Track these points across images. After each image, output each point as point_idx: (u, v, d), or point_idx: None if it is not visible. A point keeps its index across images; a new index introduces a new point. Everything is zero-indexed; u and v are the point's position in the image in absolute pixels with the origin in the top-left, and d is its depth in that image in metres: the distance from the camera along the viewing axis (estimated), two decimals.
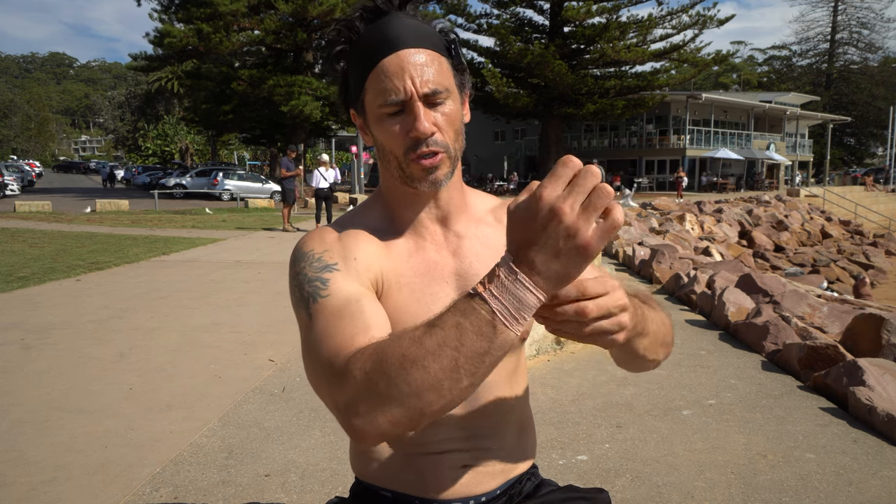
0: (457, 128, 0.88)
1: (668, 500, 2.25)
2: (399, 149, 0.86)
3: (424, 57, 0.84)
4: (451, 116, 0.87)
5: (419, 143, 0.84)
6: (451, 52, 0.89)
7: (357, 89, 0.88)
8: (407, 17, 0.87)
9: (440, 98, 0.85)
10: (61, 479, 2.41)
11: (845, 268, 15.26)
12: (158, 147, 56.98)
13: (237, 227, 13.67)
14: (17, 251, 9.05)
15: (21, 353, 4.11)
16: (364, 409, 0.68)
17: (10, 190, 26.61)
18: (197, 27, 25.39)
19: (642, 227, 13.02)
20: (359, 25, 0.87)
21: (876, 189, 33.80)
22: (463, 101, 0.92)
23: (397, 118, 0.85)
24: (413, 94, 0.83)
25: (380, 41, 0.85)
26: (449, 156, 0.88)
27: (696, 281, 5.80)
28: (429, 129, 0.84)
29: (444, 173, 0.88)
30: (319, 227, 0.96)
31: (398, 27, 0.85)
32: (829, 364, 3.45)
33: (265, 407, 3.14)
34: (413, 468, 0.96)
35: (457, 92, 0.89)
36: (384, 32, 0.85)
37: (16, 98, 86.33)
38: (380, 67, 0.84)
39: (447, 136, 0.87)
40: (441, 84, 0.85)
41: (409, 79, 0.83)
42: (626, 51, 28.55)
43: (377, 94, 0.85)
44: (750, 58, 77.47)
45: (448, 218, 0.95)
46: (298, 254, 0.89)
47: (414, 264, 0.93)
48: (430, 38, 0.87)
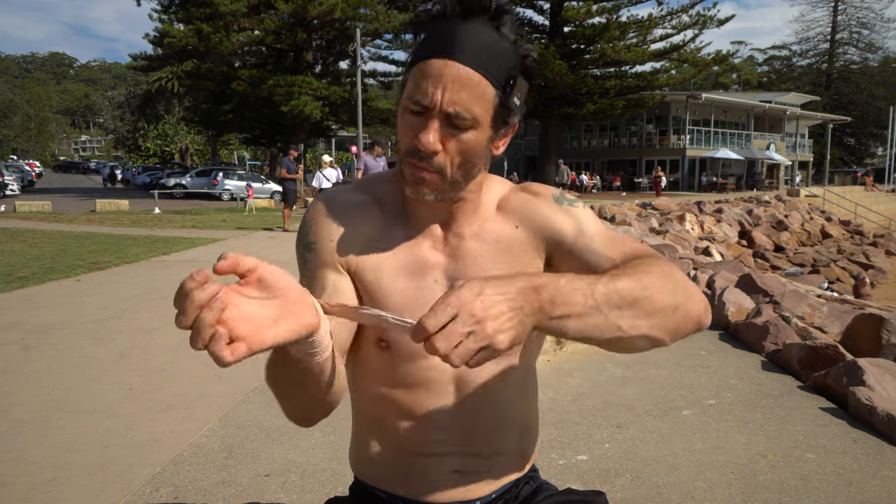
0: (468, 157, 0.84)
1: (668, 500, 2.25)
2: (404, 145, 0.85)
3: (467, 77, 0.80)
4: (465, 145, 0.83)
5: (418, 153, 0.83)
6: (505, 87, 0.82)
7: (407, 68, 0.86)
8: (486, 30, 0.81)
9: (462, 124, 0.81)
10: (61, 479, 2.41)
11: (845, 268, 15.26)
12: (158, 147, 56.98)
13: (237, 227, 13.67)
14: (17, 251, 9.05)
15: (21, 353, 4.11)
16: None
17: (10, 190, 26.59)
18: (197, 27, 25.38)
19: (642, 227, 13.02)
20: (446, 10, 0.82)
21: (875, 189, 33.79)
22: (498, 136, 0.87)
23: (416, 118, 0.83)
24: (436, 106, 0.80)
25: (441, 38, 0.81)
26: (443, 178, 0.85)
27: (696, 281, 5.80)
28: (430, 147, 0.81)
29: (430, 190, 0.86)
30: (333, 188, 0.99)
31: (466, 35, 0.80)
32: (829, 364, 3.45)
33: (265, 407, 3.14)
34: (404, 470, 0.96)
35: (488, 125, 0.84)
36: (451, 33, 0.81)
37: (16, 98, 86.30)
38: (425, 63, 0.82)
39: (451, 160, 0.84)
40: (469, 111, 0.81)
41: (440, 90, 0.80)
42: (626, 51, 28.58)
43: (411, 86, 0.83)
44: (750, 58, 77.51)
45: (451, 220, 0.93)
46: (301, 222, 0.96)
47: (401, 257, 0.92)
48: (490, 62, 0.81)
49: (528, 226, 0.94)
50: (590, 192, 32.12)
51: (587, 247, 0.92)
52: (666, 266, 0.84)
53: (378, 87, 35.21)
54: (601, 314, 0.74)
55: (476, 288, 0.67)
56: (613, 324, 0.75)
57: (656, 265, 0.83)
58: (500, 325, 0.66)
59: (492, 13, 0.82)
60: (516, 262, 0.93)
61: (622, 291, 0.76)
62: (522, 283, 0.70)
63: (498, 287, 0.68)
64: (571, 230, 0.94)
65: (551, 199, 0.96)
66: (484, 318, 0.65)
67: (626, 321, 0.76)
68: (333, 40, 30.89)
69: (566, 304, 0.72)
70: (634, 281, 0.78)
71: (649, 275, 0.80)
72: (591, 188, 33.68)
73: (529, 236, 0.94)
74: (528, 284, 0.70)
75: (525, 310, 0.68)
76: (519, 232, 0.94)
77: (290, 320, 0.64)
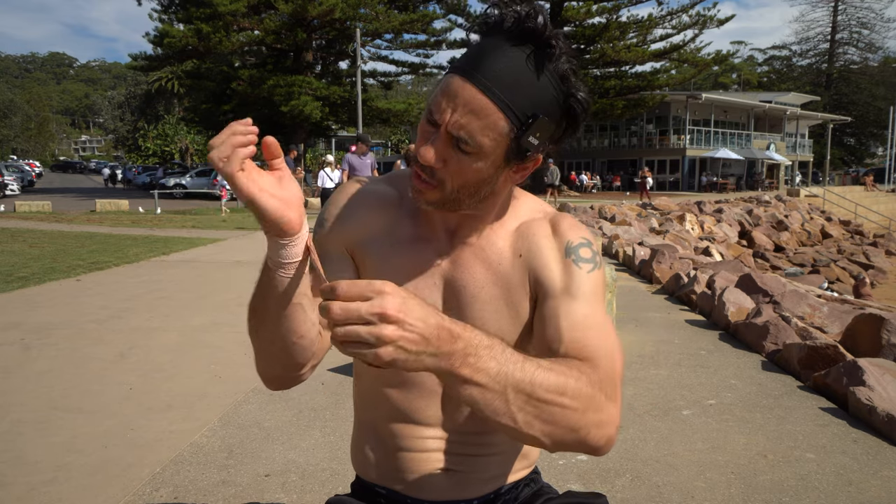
0: (470, 182, 0.82)
1: (668, 500, 2.25)
2: (414, 150, 0.84)
3: (479, 106, 0.76)
4: (468, 170, 0.81)
5: (418, 160, 0.82)
6: (522, 125, 0.78)
7: (447, 72, 0.83)
8: (524, 60, 0.76)
9: (466, 148, 0.79)
10: (61, 479, 2.41)
11: (845, 268, 15.25)
12: (158, 147, 56.95)
13: (237, 227, 13.67)
14: (17, 251, 9.05)
15: (21, 353, 4.11)
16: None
17: (10, 190, 26.63)
18: (197, 27, 25.40)
19: (642, 227, 13.02)
20: (499, 22, 0.78)
21: (876, 188, 33.79)
22: (511, 167, 0.84)
23: (429, 126, 0.81)
24: (444, 124, 0.78)
25: (474, 56, 0.78)
26: (441, 192, 0.83)
27: (696, 281, 5.80)
28: (427, 160, 0.80)
29: (428, 200, 0.85)
30: (354, 179, 1.00)
31: (499, 61, 0.76)
32: (829, 364, 3.45)
33: (265, 407, 3.14)
34: (401, 468, 0.97)
35: (498, 157, 0.80)
36: (486, 53, 0.77)
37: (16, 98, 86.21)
38: (450, 77, 0.79)
39: (451, 179, 0.82)
40: (474, 139, 0.78)
41: (450, 109, 0.77)
42: (626, 51, 28.57)
43: (434, 94, 0.81)
44: (750, 58, 77.48)
45: (460, 227, 0.92)
46: (328, 200, 1.00)
47: (405, 254, 0.92)
48: (513, 95, 0.77)
49: (528, 260, 0.90)
50: (590, 192, 32.13)
51: (554, 312, 0.84)
52: (598, 390, 0.75)
53: (378, 87, 35.23)
54: (503, 397, 0.68)
55: (406, 295, 0.63)
56: (510, 412, 0.69)
57: (590, 370, 0.76)
58: (397, 339, 0.61)
59: (539, 43, 0.77)
60: (511, 289, 0.90)
61: (537, 386, 0.69)
62: (446, 322, 0.65)
63: (424, 310, 0.63)
64: (557, 287, 0.87)
65: (564, 246, 0.90)
66: (391, 319, 0.61)
67: (524, 416, 0.69)
68: (333, 40, 30.90)
69: (475, 368, 0.66)
70: (557, 382, 0.71)
71: (577, 385, 0.72)
72: (591, 188, 33.69)
73: (525, 270, 0.90)
74: (449, 326, 0.65)
75: (429, 349, 0.63)
76: (520, 262, 0.91)
77: (279, 203, 0.73)
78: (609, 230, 11.68)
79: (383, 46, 30.84)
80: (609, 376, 0.78)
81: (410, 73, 32.92)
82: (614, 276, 4.96)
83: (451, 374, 0.65)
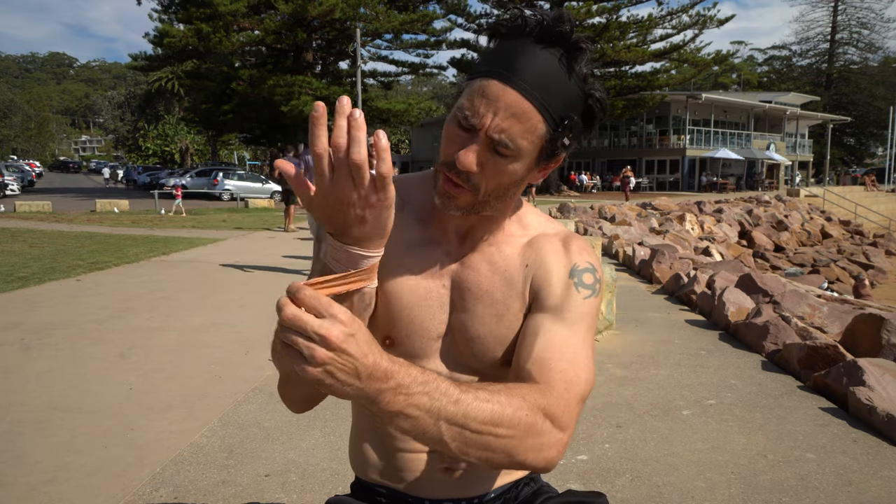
0: (504, 184, 0.83)
1: (668, 500, 2.25)
2: (444, 156, 0.84)
3: (521, 109, 0.78)
4: (503, 173, 0.82)
5: (455, 167, 0.82)
6: (558, 127, 0.80)
7: (468, 77, 0.83)
8: (556, 63, 0.78)
9: (505, 152, 0.79)
10: (61, 479, 2.41)
11: (845, 268, 15.24)
12: (158, 147, 56.98)
13: (237, 227, 13.67)
14: (17, 251, 9.05)
15: (21, 353, 4.11)
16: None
17: (11, 190, 26.61)
18: (197, 27, 25.39)
19: (642, 227, 13.02)
20: (526, 28, 0.79)
21: (876, 188, 33.79)
22: (539, 168, 0.86)
23: (462, 132, 0.81)
24: (483, 128, 0.79)
25: (508, 59, 0.79)
26: (474, 197, 0.84)
27: (696, 281, 5.80)
28: (468, 167, 0.80)
29: (459, 206, 0.85)
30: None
31: (534, 64, 0.78)
32: (829, 364, 3.45)
33: (265, 407, 3.14)
34: (400, 466, 0.97)
35: (532, 159, 0.82)
36: (520, 56, 0.78)
37: (16, 98, 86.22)
38: (485, 81, 0.79)
39: (486, 182, 0.82)
40: (515, 143, 0.79)
41: (491, 113, 0.78)
42: (626, 51, 28.58)
43: (466, 100, 0.80)
44: (750, 58, 77.45)
45: (471, 230, 0.93)
46: None
47: (416, 257, 0.93)
48: (550, 98, 0.78)
49: (533, 271, 0.92)
50: (590, 192, 32.14)
51: (537, 329, 0.86)
52: (539, 416, 0.75)
53: (378, 86, 35.23)
54: (436, 429, 0.69)
55: (357, 331, 0.63)
56: (443, 441, 0.70)
57: (536, 395, 0.76)
58: (328, 363, 0.61)
59: (568, 46, 0.79)
60: (513, 296, 0.91)
61: (470, 419, 0.70)
62: (383, 361, 0.65)
63: (366, 347, 0.63)
64: (550, 305, 0.88)
65: (570, 266, 0.91)
66: (330, 346, 0.61)
67: (458, 445, 0.71)
68: (333, 40, 30.91)
69: (406, 404, 0.67)
70: (493, 413, 0.71)
71: (514, 414, 0.73)
72: (592, 188, 33.69)
73: (528, 280, 0.91)
74: (386, 365, 0.65)
75: (356, 383, 0.63)
76: (525, 271, 0.92)
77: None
78: (609, 230, 11.68)
79: (383, 46, 30.88)
80: (561, 402, 0.78)
81: (410, 73, 32.93)
82: (614, 276, 4.96)
83: (378, 408, 0.66)
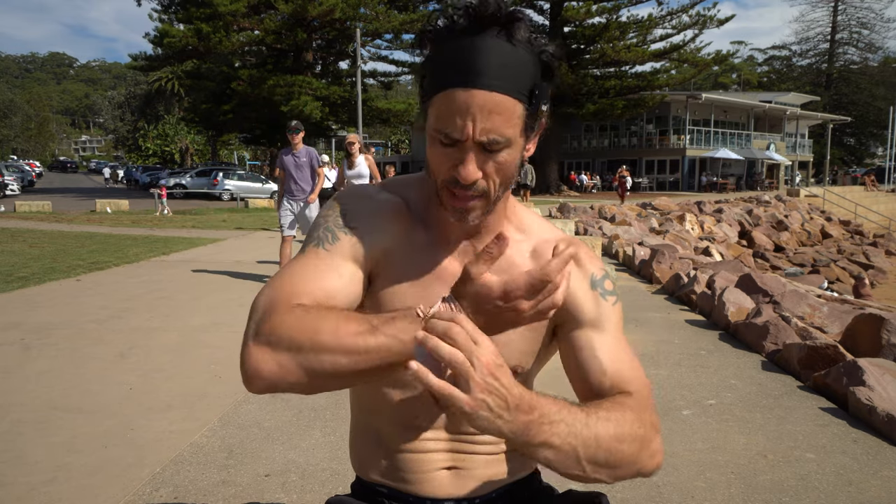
0: (507, 173, 0.84)
1: (668, 500, 2.25)
2: (440, 175, 0.84)
3: (495, 103, 0.77)
4: (504, 164, 0.82)
5: (458, 183, 0.82)
6: (531, 99, 0.80)
7: (427, 95, 0.83)
8: (501, 44, 0.78)
9: (497, 147, 0.80)
10: (61, 479, 2.41)
11: (845, 268, 15.25)
12: (158, 147, 56.97)
13: (237, 227, 13.67)
14: (17, 251, 9.05)
15: (21, 353, 4.11)
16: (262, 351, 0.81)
17: (11, 190, 26.62)
18: (197, 27, 25.41)
19: (642, 227, 13.02)
20: (455, 24, 0.79)
21: (876, 188, 33.79)
22: (529, 140, 0.86)
23: (448, 149, 0.81)
24: (469, 139, 0.79)
25: (460, 66, 0.78)
26: (487, 200, 0.85)
27: (696, 281, 5.80)
28: (472, 178, 0.81)
29: (475, 215, 0.86)
30: (363, 184, 1.00)
31: (483, 57, 0.77)
32: (829, 364, 3.45)
33: (265, 407, 3.14)
34: (403, 466, 0.97)
35: (521, 138, 0.82)
36: (468, 58, 0.77)
37: (16, 98, 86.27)
38: (448, 94, 0.78)
39: (492, 182, 0.83)
40: (503, 135, 0.79)
41: (470, 122, 0.77)
42: (626, 51, 28.61)
43: (438, 118, 0.80)
44: (750, 58, 77.45)
45: (475, 230, 0.93)
46: (334, 204, 0.96)
47: (420, 261, 0.93)
48: (514, 79, 0.78)
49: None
50: (590, 193, 32.13)
51: (590, 343, 0.91)
52: (646, 426, 0.84)
53: (378, 87, 35.24)
54: (574, 455, 0.76)
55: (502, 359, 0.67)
56: (581, 466, 0.77)
57: (636, 406, 0.84)
58: (488, 391, 0.66)
59: (502, 22, 0.78)
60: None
61: (601, 440, 0.77)
62: (525, 394, 0.70)
63: (512, 378, 0.68)
64: (587, 318, 0.92)
65: (589, 277, 0.94)
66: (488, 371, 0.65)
67: (592, 468, 0.78)
68: (333, 40, 30.92)
69: (550, 433, 0.73)
70: (617, 432, 0.79)
71: (630, 429, 0.81)
72: (591, 188, 33.69)
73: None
74: (529, 398, 0.71)
75: (507, 416, 0.68)
76: None
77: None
78: (609, 230, 11.68)
79: (383, 46, 30.91)
80: (647, 406, 0.87)
81: (410, 73, 32.94)
82: (614, 276, 4.96)
83: (525, 441, 0.71)
